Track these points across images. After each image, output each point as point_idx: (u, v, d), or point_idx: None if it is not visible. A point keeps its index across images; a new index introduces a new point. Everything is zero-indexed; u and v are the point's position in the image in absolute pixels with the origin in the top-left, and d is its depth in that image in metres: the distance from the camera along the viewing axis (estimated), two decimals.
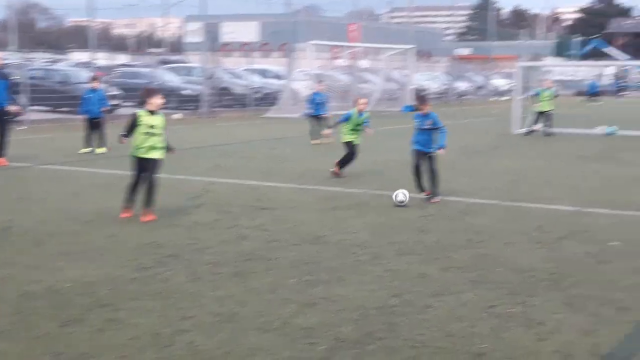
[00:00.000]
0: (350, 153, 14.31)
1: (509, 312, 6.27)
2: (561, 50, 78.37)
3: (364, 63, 49.08)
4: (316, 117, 22.00)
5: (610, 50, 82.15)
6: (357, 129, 14.49)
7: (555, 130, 24.75)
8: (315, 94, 22.82)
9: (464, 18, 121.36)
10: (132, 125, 9.87)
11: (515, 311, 6.29)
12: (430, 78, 50.63)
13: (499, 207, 11.18)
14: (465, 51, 77.64)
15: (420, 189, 11.79)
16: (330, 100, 39.14)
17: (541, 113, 24.65)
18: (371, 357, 5.28)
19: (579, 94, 57.16)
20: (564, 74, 70.43)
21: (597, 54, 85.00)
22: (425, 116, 11.66)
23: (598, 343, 5.57)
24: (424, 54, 56.24)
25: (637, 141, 22.34)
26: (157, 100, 9.94)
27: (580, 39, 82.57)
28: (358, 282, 7.12)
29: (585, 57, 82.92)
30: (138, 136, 9.87)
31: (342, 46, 44.88)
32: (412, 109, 33.55)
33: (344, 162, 14.25)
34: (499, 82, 60.32)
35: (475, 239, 9.01)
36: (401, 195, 11.19)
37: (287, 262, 7.86)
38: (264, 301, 6.53)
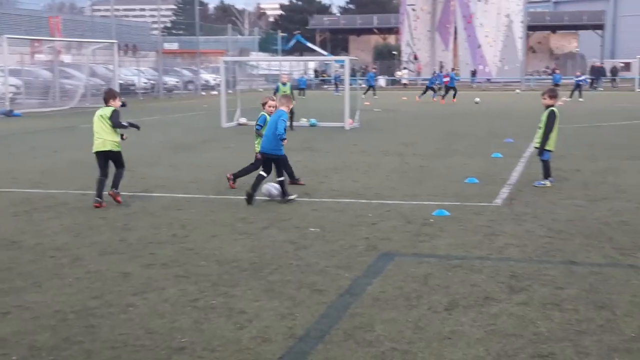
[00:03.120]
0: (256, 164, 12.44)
1: (211, 304, 6.39)
2: (266, 46, 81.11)
3: (66, 58, 47.11)
4: None
5: (312, 46, 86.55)
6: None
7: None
8: None
9: (170, 12, 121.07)
10: None
11: (217, 303, 6.42)
12: (136, 73, 49.89)
13: (205, 201, 11.33)
14: (173, 46, 77.46)
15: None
16: (32, 95, 37.28)
17: None
18: None
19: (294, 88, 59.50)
20: (269, 68, 73.07)
21: (300, 49, 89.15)
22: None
23: (294, 325, 5.86)
24: (130, 49, 55.21)
25: (333, 132, 23.75)
26: None
27: (284, 34, 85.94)
28: (56, 287, 6.86)
29: (289, 52, 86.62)
30: None
31: (42, 40, 42.67)
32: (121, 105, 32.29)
33: (243, 173, 12.67)
34: (208, 77, 61.05)
35: (180, 234, 9.06)
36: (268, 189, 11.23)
37: None
38: None
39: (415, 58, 79.38)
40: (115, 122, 10.96)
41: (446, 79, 51.89)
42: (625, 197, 11.47)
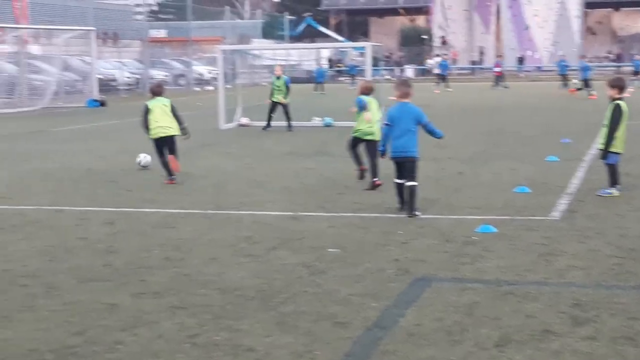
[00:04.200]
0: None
1: (213, 340, 6.41)
2: (271, 31, 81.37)
3: (35, 49, 47.39)
4: None
5: (325, 30, 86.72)
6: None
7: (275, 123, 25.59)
8: None
9: None
10: None
11: (220, 339, 6.44)
12: (118, 66, 50.14)
13: (202, 217, 11.37)
14: (160, 33, 77.82)
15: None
16: None
17: (277, 105, 24.87)
18: None
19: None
20: (275, 58, 73.15)
21: (311, 35, 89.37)
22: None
23: None
24: (110, 37, 55.63)
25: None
26: None
27: (292, 17, 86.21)
28: (29, 321, 6.91)
29: (299, 38, 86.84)
30: None
31: (5, 28, 43.03)
32: (98, 104, 32.49)
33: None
34: (202, 69, 61.27)
35: (174, 257, 9.09)
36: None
37: None
38: None
39: (444, 43, 79.34)
40: (178, 115, 14.83)
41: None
42: None
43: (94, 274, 8.40)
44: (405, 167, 11.34)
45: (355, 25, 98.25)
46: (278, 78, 24.93)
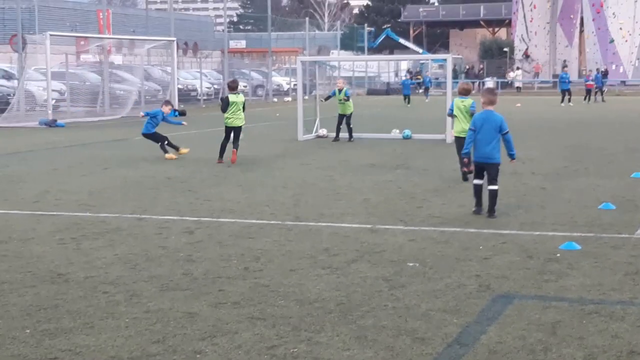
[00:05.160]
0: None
1: (292, 352, 6.41)
2: (350, 42, 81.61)
3: (117, 58, 48.35)
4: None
5: (404, 42, 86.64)
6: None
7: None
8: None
9: (236, 4, 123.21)
10: None
11: (299, 351, 6.44)
12: (198, 76, 50.78)
13: (281, 228, 11.42)
14: (240, 44, 78.77)
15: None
16: (77, 103, 38.43)
17: (343, 116, 25.25)
18: None
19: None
20: (353, 69, 73.32)
21: (389, 46, 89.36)
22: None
23: None
24: (191, 48, 56.43)
25: (432, 145, 23.61)
26: None
27: (371, 29, 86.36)
28: (111, 328, 7.00)
29: (377, 49, 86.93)
30: None
31: (89, 38, 44.00)
32: (177, 114, 33.03)
33: None
34: (281, 80, 61.68)
35: (253, 267, 9.14)
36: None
37: (18, 308, 7.58)
38: None
39: (527, 56, 78.53)
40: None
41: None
42: None
43: (173, 283, 8.50)
44: (489, 171, 11.96)
45: (435, 37, 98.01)
46: (340, 91, 25.18)
